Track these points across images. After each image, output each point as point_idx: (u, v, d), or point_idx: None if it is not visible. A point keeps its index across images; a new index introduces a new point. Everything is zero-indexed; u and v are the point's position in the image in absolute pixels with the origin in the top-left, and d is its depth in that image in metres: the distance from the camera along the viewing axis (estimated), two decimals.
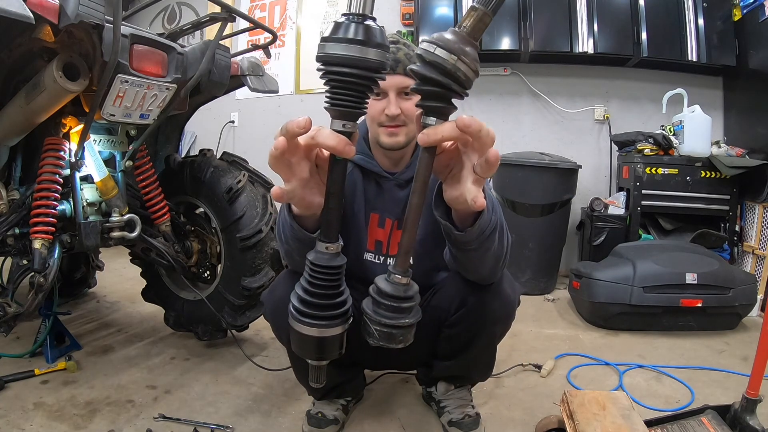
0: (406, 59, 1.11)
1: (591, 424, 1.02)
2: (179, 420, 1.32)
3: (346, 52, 0.51)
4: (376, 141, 1.19)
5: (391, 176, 1.22)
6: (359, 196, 1.23)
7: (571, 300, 2.48)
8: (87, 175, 1.55)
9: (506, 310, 1.17)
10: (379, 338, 0.62)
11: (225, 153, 1.86)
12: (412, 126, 1.14)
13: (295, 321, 0.61)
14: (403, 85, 1.11)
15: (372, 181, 1.24)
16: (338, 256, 0.62)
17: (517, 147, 3.07)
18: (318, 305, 0.61)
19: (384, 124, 1.14)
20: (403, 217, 1.19)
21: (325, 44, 0.52)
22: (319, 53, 0.53)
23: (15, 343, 1.80)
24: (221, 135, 3.84)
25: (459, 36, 0.51)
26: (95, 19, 1.14)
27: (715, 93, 3.04)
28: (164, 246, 1.71)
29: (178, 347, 1.87)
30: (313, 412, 1.29)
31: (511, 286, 1.17)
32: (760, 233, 2.57)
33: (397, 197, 1.23)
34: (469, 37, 0.51)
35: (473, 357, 1.25)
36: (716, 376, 1.68)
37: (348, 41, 0.51)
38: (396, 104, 1.11)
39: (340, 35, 0.51)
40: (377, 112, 1.14)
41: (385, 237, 1.24)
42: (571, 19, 2.86)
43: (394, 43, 1.14)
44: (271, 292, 1.21)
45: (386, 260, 1.24)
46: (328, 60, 0.52)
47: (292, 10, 3.78)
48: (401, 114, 1.12)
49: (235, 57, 1.73)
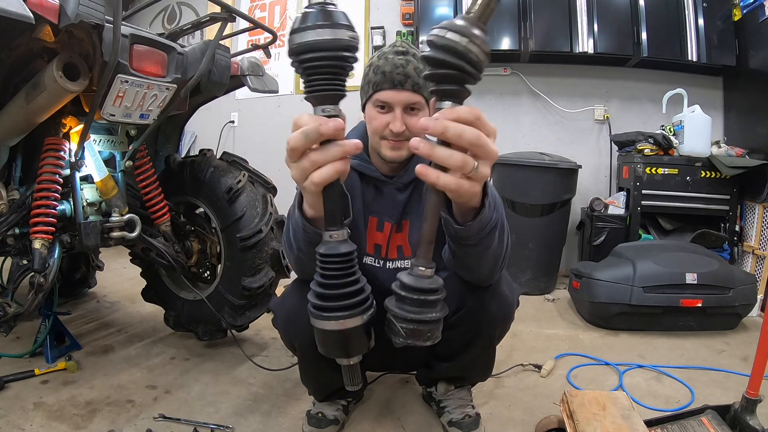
0: (415, 74, 1.09)
1: (591, 424, 1.02)
2: (179, 420, 1.32)
3: (313, 37, 0.52)
4: (376, 152, 1.17)
5: (390, 180, 1.21)
6: (357, 200, 1.22)
7: (571, 300, 2.48)
8: (87, 175, 1.55)
9: (505, 312, 1.17)
10: (406, 336, 0.59)
11: (225, 153, 1.86)
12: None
13: (314, 319, 0.61)
14: (411, 101, 1.09)
15: (370, 185, 1.23)
16: (345, 243, 0.60)
17: (517, 147, 3.07)
18: (333, 296, 0.59)
19: (387, 138, 1.12)
20: (401, 221, 1.20)
21: (293, 37, 0.54)
22: (289, 46, 0.54)
23: (15, 343, 1.80)
24: (221, 135, 3.84)
25: (468, 20, 0.52)
26: (95, 19, 1.14)
27: (715, 93, 3.04)
28: (164, 246, 1.71)
29: (178, 347, 1.87)
30: (314, 412, 1.29)
31: (509, 287, 1.16)
32: (760, 233, 2.57)
33: (396, 200, 1.21)
34: (478, 21, 0.52)
35: (472, 358, 1.24)
36: (716, 376, 1.68)
37: (313, 27, 0.52)
38: (401, 120, 1.09)
39: (304, 24, 0.53)
40: (381, 126, 1.12)
41: (384, 240, 1.23)
42: (571, 19, 2.86)
43: (403, 54, 1.10)
44: (283, 302, 1.20)
45: (386, 264, 1.24)
46: (296, 50, 0.54)
47: (292, 10, 3.77)
48: (405, 130, 1.10)
49: (235, 57, 1.73)
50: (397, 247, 1.24)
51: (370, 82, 1.12)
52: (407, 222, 1.22)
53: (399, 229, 1.23)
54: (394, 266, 1.23)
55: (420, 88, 1.09)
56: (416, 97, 1.09)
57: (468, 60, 0.51)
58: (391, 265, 1.23)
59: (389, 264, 1.23)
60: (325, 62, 0.54)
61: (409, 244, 1.23)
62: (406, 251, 1.24)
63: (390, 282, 1.22)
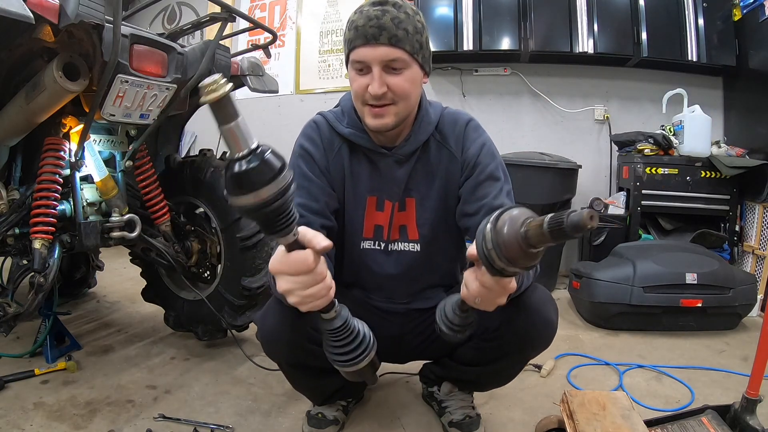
0: (392, 26, 0.94)
1: (591, 424, 1.02)
2: (179, 420, 1.32)
3: (261, 198, 0.53)
4: (363, 119, 1.04)
5: (388, 151, 1.09)
6: (348, 178, 1.11)
7: (571, 300, 2.48)
8: (87, 175, 1.55)
9: (549, 338, 1.08)
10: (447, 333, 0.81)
11: (225, 153, 1.86)
12: (403, 104, 1.00)
13: (336, 365, 0.77)
14: (389, 57, 0.94)
15: (363, 159, 1.11)
16: (338, 317, 0.74)
17: (517, 147, 3.07)
18: (345, 352, 0.75)
19: (369, 103, 0.99)
20: (406, 199, 1.15)
21: (236, 200, 0.54)
22: (234, 203, 0.54)
23: (15, 343, 1.80)
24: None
25: (512, 232, 0.58)
26: (95, 19, 1.14)
27: (715, 93, 3.04)
28: (164, 246, 1.71)
29: (178, 347, 1.87)
30: (314, 412, 1.29)
31: (555, 310, 1.07)
32: (760, 233, 2.57)
33: (396, 176, 1.10)
34: (523, 241, 0.57)
35: (499, 369, 1.19)
36: (716, 376, 1.68)
37: (257, 185, 0.52)
38: (381, 81, 0.95)
39: (240, 185, 0.53)
40: (361, 89, 0.98)
41: (385, 221, 1.14)
42: (571, 19, 2.86)
43: (381, 4, 0.96)
44: (263, 319, 1.08)
45: (387, 246, 1.16)
46: (244, 212, 0.55)
47: (292, 10, 3.78)
48: (388, 92, 0.97)
49: (235, 57, 1.73)
50: (399, 227, 1.15)
51: (346, 41, 1.00)
52: (412, 200, 1.13)
53: (402, 208, 1.14)
54: (396, 248, 1.16)
55: (399, 40, 0.94)
56: (395, 51, 0.94)
57: (490, 260, 0.61)
58: (393, 247, 1.16)
59: (391, 246, 1.16)
60: (277, 213, 0.56)
61: (415, 225, 1.14)
62: (411, 233, 1.15)
63: (391, 267, 1.19)
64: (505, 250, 0.58)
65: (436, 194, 1.13)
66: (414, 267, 1.18)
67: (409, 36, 0.96)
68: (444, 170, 1.12)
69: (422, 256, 1.17)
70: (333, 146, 1.12)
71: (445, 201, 1.13)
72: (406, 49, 0.96)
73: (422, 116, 1.11)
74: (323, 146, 1.12)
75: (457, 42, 2.94)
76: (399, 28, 0.94)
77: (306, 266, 0.65)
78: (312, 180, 1.08)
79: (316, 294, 0.68)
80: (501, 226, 0.59)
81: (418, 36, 0.98)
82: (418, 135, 1.10)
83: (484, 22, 2.92)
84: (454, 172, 1.12)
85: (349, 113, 1.11)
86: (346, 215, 1.16)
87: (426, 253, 1.17)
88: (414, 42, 0.97)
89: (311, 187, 1.07)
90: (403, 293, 1.22)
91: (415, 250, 1.17)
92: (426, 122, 1.11)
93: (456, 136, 1.12)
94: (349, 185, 1.13)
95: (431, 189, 1.13)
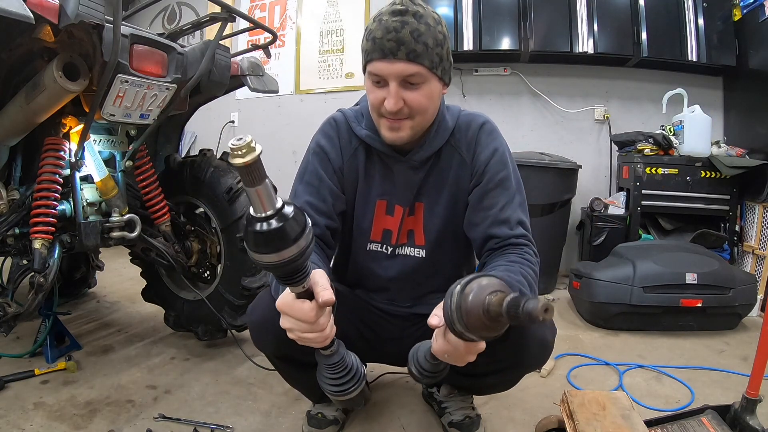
0: (411, 40, 0.90)
1: (591, 424, 1.02)
2: (179, 420, 1.32)
3: (272, 260, 0.55)
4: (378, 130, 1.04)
5: (403, 157, 1.08)
6: (362, 180, 1.11)
7: (571, 300, 2.48)
8: (87, 175, 1.55)
9: (543, 359, 1.06)
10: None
11: (225, 153, 1.86)
12: (420, 118, 0.99)
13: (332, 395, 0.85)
14: (407, 72, 0.92)
15: (378, 162, 1.10)
16: (334, 354, 0.80)
17: (517, 147, 3.07)
18: (340, 383, 0.83)
19: (384, 116, 0.98)
20: (416, 204, 1.15)
21: (257, 256, 0.55)
22: (254, 260, 0.57)
23: (15, 343, 1.80)
24: (221, 135, 3.84)
25: (477, 301, 0.59)
26: (95, 19, 1.14)
27: (715, 93, 3.04)
28: (164, 246, 1.71)
29: (178, 347, 1.87)
30: (313, 412, 1.29)
31: (552, 330, 1.03)
32: (760, 233, 2.57)
33: (410, 181, 1.09)
34: (484, 313, 0.58)
35: (493, 384, 1.17)
36: (716, 376, 1.68)
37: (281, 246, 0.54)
38: (397, 96, 0.94)
39: (263, 245, 0.54)
40: (377, 101, 0.97)
41: (395, 226, 1.13)
42: (571, 19, 2.86)
43: (401, 14, 0.91)
44: (253, 311, 1.07)
45: (395, 251, 1.15)
46: (266, 267, 0.58)
47: (292, 10, 3.78)
48: (404, 107, 0.96)
49: (235, 57, 1.73)
50: (407, 232, 1.15)
51: (363, 51, 0.97)
52: (421, 205, 1.12)
53: (411, 212, 1.13)
54: (402, 253, 1.15)
55: (418, 56, 0.91)
56: (413, 67, 0.92)
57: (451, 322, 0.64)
58: (399, 251, 1.16)
59: (398, 250, 1.16)
60: (294, 270, 0.60)
61: (422, 230, 1.13)
62: (418, 239, 1.14)
63: (395, 270, 1.19)
64: (467, 317, 0.60)
65: (445, 201, 1.12)
66: (418, 272, 1.17)
67: (428, 50, 0.92)
68: (454, 176, 1.10)
69: (427, 262, 1.16)
70: (350, 146, 1.12)
71: (454, 208, 1.12)
72: (425, 65, 0.93)
73: (439, 123, 1.08)
74: (340, 145, 1.12)
75: (457, 42, 2.94)
76: (419, 42, 0.91)
77: (307, 319, 0.70)
78: (323, 180, 1.09)
79: (313, 339, 0.74)
80: (468, 292, 0.60)
81: (438, 49, 0.94)
82: (434, 142, 1.08)
83: (484, 22, 2.92)
84: (464, 178, 1.10)
85: (367, 115, 1.10)
86: (355, 216, 1.16)
87: (431, 258, 1.16)
88: (434, 56, 0.94)
89: (321, 187, 1.08)
90: (405, 297, 1.22)
91: (420, 256, 1.16)
92: (443, 128, 1.09)
93: (468, 141, 1.10)
94: (361, 187, 1.12)
95: (441, 195, 1.12)
